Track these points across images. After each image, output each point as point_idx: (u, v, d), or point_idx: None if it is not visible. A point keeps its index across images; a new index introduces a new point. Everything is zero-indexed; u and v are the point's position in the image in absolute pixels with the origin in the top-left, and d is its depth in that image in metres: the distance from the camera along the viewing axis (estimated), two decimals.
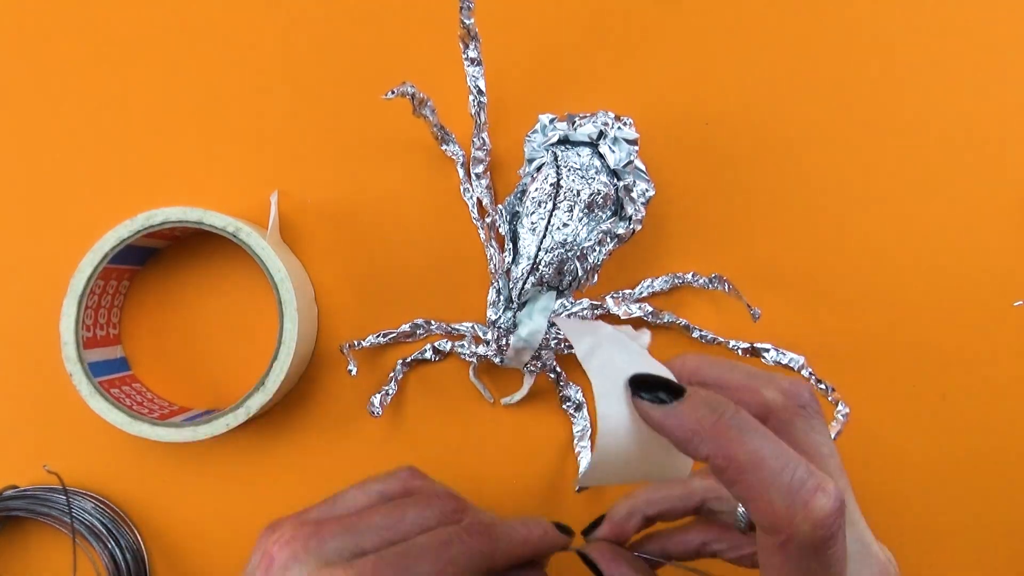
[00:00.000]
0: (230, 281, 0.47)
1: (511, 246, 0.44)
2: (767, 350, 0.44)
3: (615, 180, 0.44)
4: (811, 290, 0.46)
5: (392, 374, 0.45)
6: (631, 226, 0.43)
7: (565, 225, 0.42)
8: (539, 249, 0.42)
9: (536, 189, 0.43)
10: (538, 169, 0.44)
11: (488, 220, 0.44)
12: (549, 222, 0.42)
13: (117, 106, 0.47)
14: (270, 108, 0.47)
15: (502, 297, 0.44)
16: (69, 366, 0.42)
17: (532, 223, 0.43)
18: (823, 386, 0.43)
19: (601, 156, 0.44)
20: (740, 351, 0.44)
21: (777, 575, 0.24)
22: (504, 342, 0.43)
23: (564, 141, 0.44)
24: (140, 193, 0.47)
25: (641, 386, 0.25)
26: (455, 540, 0.31)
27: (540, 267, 0.42)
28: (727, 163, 0.47)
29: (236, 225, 0.42)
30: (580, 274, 0.43)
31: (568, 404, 0.45)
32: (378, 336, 0.45)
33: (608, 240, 0.43)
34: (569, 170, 0.43)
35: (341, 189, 0.47)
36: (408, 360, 0.45)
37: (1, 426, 0.46)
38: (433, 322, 0.45)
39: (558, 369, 0.45)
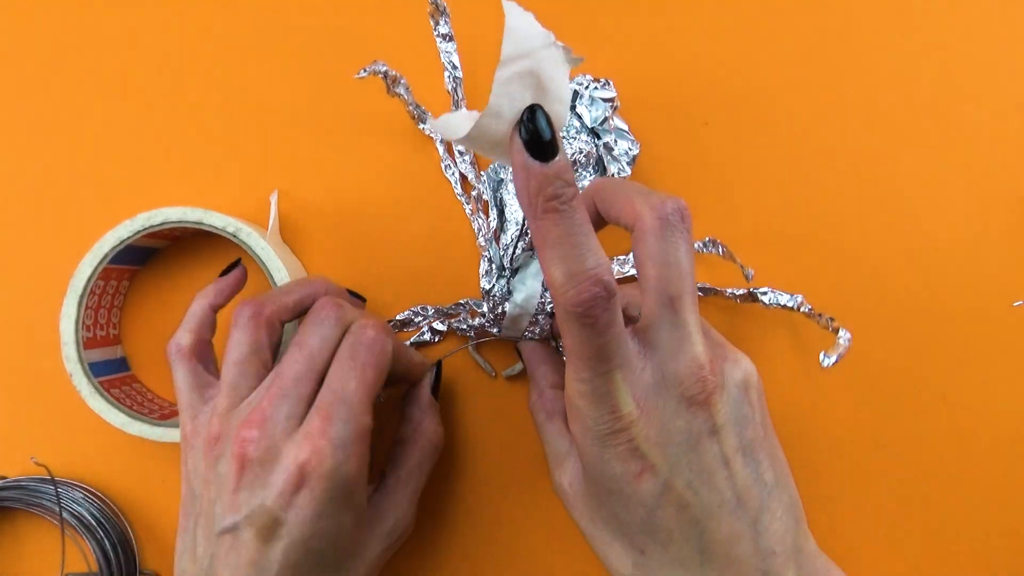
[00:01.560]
0: None
1: (496, 214, 0.44)
2: (764, 292, 0.44)
3: (596, 139, 0.43)
4: (810, 290, 0.46)
5: None
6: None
7: None
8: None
9: None
10: None
11: (474, 193, 0.44)
12: None
13: (117, 107, 0.47)
14: (269, 108, 0.47)
15: (494, 266, 0.44)
16: (69, 366, 0.42)
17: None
18: (822, 318, 0.43)
19: (579, 116, 0.44)
20: (737, 298, 0.44)
21: (559, 324, 0.29)
22: (500, 310, 0.43)
23: None
24: (140, 193, 0.47)
25: (529, 124, 0.27)
26: (358, 347, 0.36)
27: (527, 233, 0.42)
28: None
29: (236, 225, 0.42)
30: None
31: None
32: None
33: None
34: None
35: (341, 189, 0.47)
36: (408, 344, 0.45)
37: (5, 420, 0.47)
38: (430, 308, 0.45)
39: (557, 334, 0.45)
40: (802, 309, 0.44)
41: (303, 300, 0.39)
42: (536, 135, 0.27)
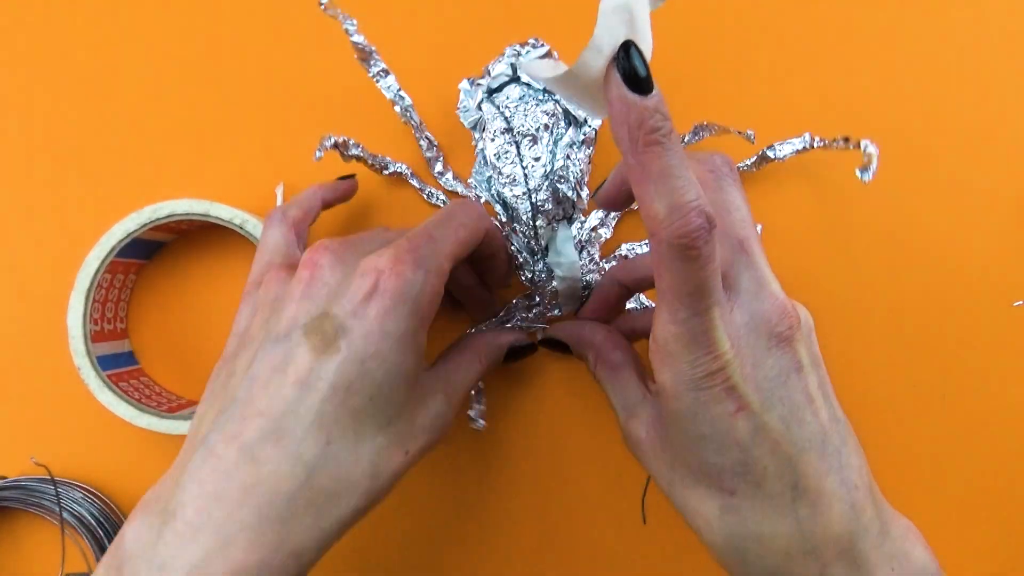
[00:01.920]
0: (237, 274, 0.46)
1: (501, 208, 0.44)
2: (771, 148, 0.44)
3: (552, 96, 0.43)
4: (808, 287, 0.46)
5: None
6: (589, 127, 0.43)
7: (537, 159, 0.42)
8: (529, 192, 0.42)
9: (492, 144, 0.43)
10: (483, 129, 0.44)
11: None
12: (523, 165, 0.42)
13: (123, 100, 0.47)
14: (274, 101, 0.47)
15: (524, 254, 0.44)
16: (77, 359, 0.41)
17: (508, 176, 0.43)
18: (838, 142, 0.43)
19: (529, 85, 0.44)
20: (752, 167, 0.45)
21: (654, 266, 0.29)
22: (551, 289, 0.43)
23: (491, 92, 0.44)
24: (146, 187, 0.47)
25: (625, 61, 0.27)
26: (456, 210, 0.37)
27: (540, 208, 0.42)
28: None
29: (243, 217, 0.42)
30: (571, 194, 0.43)
31: (637, 310, 0.45)
32: None
33: (576, 150, 0.43)
34: (511, 111, 0.43)
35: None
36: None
37: (6, 418, 0.46)
38: (483, 325, 0.45)
39: None
40: (816, 144, 0.44)
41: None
42: (633, 71, 0.27)
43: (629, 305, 0.45)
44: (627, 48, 0.27)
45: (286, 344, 0.31)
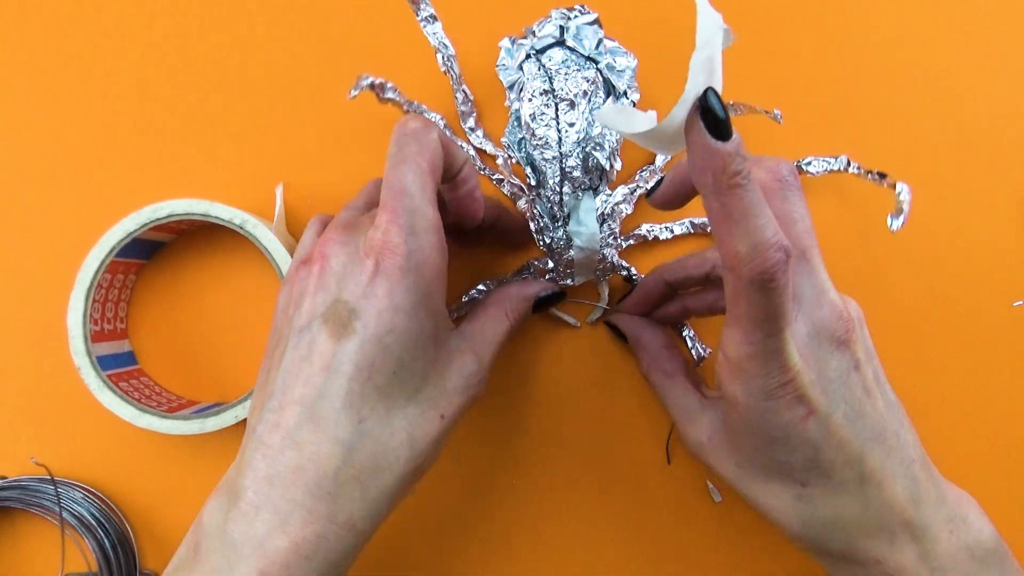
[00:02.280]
0: (237, 274, 0.46)
1: (530, 170, 0.44)
2: (809, 163, 0.44)
3: (595, 64, 0.44)
4: None
5: None
6: (628, 99, 0.43)
7: (571, 125, 0.42)
8: (560, 156, 0.43)
9: (529, 104, 0.43)
10: (520, 90, 0.44)
11: (500, 161, 0.45)
12: (558, 128, 0.42)
13: (123, 100, 0.47)
14: (274, 101, 0.47)
15: (545, 219, 0.44)
16: (77, 359, 0.41)
17: (541, 138, 0.43)
18: (874, 175, 0.44)
19: (572, 49, 0.44)
20: None
21: (730, 296, 0.31)
22: (567, 258, 0.43)
23: (536, 52, 0.44)
24: (146, 187, 0.47)
25: (707, 109, 0.27)
26: (403, 141, 0.35)
27: (568, 174, 0.43)
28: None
29: (243, 217, 0.42)
30: (603, 164, 0.43)
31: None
32: (454, 311, 0.45)
33: None
34: (553, 72, 0.43)
35: (346, 180, 0.47)
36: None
37: (5, 418, 0.46)
38: (492, 283, 0.45)
39: (625, 264, 0.45)
40: (851, 169, 0.44)
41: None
42: (715, 117, 0.27)
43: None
44: (706, 96, 0.27)
45: (308, 335, 0.32)
